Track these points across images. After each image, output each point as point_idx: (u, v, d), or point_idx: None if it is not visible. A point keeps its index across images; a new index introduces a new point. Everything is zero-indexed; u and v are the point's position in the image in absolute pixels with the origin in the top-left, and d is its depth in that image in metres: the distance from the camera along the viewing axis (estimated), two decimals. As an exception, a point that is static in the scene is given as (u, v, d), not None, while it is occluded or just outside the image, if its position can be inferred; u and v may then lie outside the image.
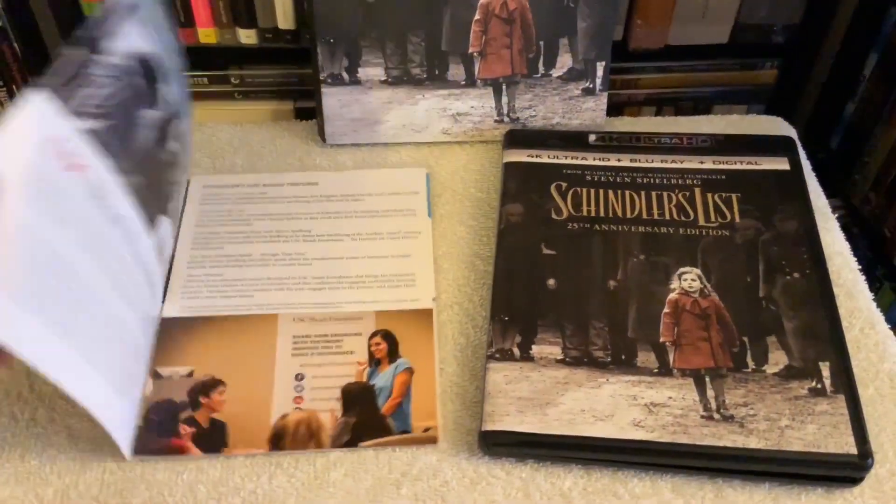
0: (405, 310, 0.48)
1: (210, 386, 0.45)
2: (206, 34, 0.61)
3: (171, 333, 0.47)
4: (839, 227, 0.53)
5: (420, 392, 0.45)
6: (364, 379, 0.45)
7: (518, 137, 0.56)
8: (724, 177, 0.52)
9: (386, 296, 0.49)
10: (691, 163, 0.53)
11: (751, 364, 0.43)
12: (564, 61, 0.58)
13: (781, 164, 0.53)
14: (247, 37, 0.62)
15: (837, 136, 0.71)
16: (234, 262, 0.51)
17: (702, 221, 0.50)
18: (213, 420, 0.44)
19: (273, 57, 0.63)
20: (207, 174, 0.57)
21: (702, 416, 0.41)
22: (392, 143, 0.59)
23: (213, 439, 0.43)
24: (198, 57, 0.62)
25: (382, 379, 0.45)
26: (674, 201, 0.51)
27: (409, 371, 0.45)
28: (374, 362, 0.46)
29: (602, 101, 0.58)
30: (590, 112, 0.59)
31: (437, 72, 0.57)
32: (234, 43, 0.62)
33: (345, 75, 0.57)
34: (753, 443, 0.40)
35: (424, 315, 0.48)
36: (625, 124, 0.60)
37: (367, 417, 0.44)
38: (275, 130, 0.60)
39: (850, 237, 0.53)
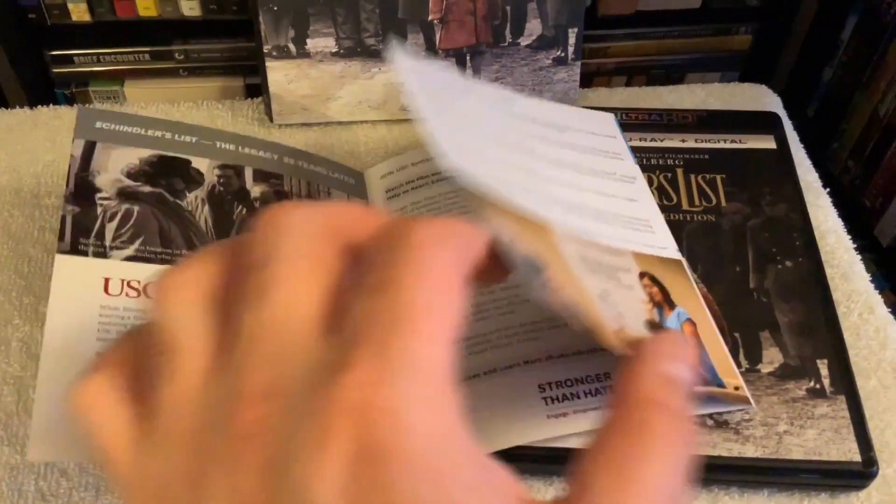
0: (655, 256, 0.40)
1: None
2: (146, 6, 0.56)
3: None
4: (831, 203, 0.50)
5: (710, 347, 0.38)
6: (656, 319, 0.38)
7: (484, 113, 0.52)
8: (707, 156, 0.48)
9: (630, 237, 0.41)
10: (672, 141, 0.49)
11: (744, 363, 0.40)
12: (533, 28, 0.53)
13: (767, 143, 0.49)
14: (190, 8, 0.56)
15: (815, 102, 0.68)
16: None
17: (685, 205, 0.46)
18: None
19: (220, 30, 0.58)
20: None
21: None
22: (347, 122, 0.54)
23: None
24: (138, 31, 0.58)
25: (672, 325, 0.39)
26: (655, 183, 0.47)
27: (692, 323, 0.39)
28: (657, 305, 0.38)
29: (575, 71, 0.54)
30: (562, 83, 0.54)
31: (394, 42, 0.52)
32: (176, 15, 0.57)
33: (292, 47, 0.52)
34: (750, 451, 0.37)
35: (675, 265, 0.40)
36: (600, 97, 0.56)
37: None
38: (216, 111, 0.55)
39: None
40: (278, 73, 0.52)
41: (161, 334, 0.22)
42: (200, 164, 0.45)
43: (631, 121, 0.50)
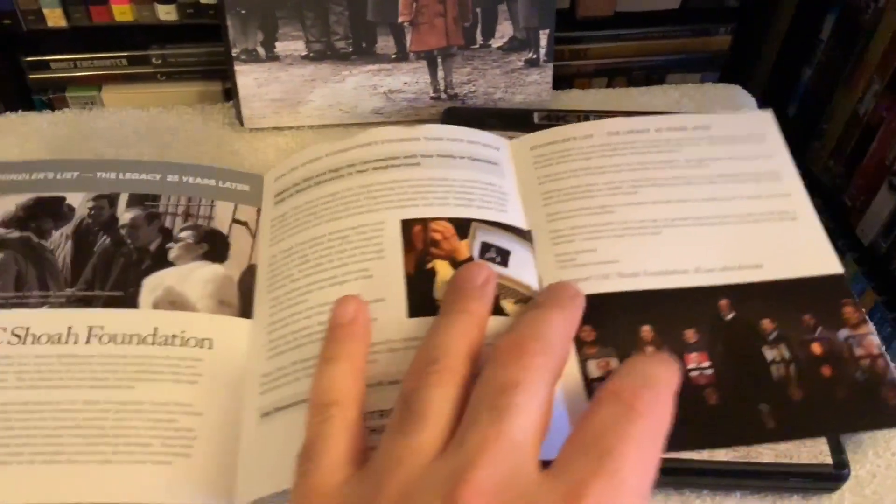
0: None
1: None
2: (122, 11, 0.56)
3: None
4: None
5: None
6: None
7: (457, 115, 0.51)
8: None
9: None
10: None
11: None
12: (504, 30, 0.52)
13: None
14: (166, 13, 0.56)
15: (795, 102, 0.68)
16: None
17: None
18: None
19: (197, 34, 0.58)
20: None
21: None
22: (319, 126, 0.53)
23: None
24: (114, 37, 0.57)
25: None
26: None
27: None
28: None
29: (547, 73, 0.54)
30: (534, 85, 0.54)
31: (363, 44, 0.52)
32: (152, 20, 0.56)
33: (260, 51, 0.51)
34: (721, 454, 0.36)
35: None
36: (573, 99, 0.56)
37: None
38: (187, 115, 0.54)
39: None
40: (248, 77, 0.52)
41: (414, 403, 0.28)
42: (74, 199, 0.45)
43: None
